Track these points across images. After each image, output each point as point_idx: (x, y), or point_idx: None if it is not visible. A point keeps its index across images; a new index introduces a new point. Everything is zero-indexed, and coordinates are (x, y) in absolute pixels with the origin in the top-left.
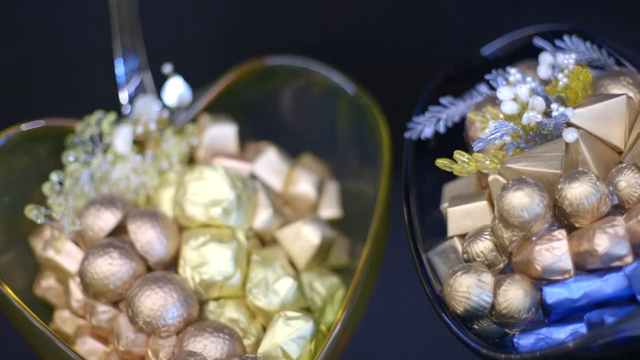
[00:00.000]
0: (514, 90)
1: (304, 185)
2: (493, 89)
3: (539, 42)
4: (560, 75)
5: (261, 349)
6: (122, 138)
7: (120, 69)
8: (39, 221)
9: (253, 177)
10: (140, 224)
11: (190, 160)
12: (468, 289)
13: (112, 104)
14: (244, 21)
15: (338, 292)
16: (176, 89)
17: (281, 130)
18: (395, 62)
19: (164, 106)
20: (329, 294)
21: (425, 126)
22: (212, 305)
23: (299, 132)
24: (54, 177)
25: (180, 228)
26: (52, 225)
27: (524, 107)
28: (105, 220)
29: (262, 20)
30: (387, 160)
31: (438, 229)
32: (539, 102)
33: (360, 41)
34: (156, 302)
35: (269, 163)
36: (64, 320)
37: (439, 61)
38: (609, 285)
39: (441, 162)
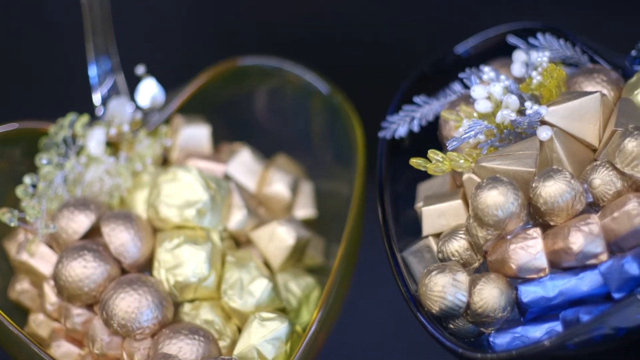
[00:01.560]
0: (488, 88)
1: (278, 185)
2: (467, 87)
3: (512, 40)
4: (534, 73)
5: (236, 351)
6: (95, 140)
7: (93, 70)
8: (12, 224)
9: (227, 178)
10: (114, 226)
11: (164, 162)
12: (443, 289)
13: (85, 106)
14: (217, 21)
15: (313, 292)
16: (149, 90)
17: (255, 131)
18: (369, 61)
19: (137, 107)
20: (305, 295)
21: (400, 125)
22: (187, 307)
23: (273, 133)
24: (27, 180)
25: (155, 230)
26: (26, 228)
27: (498, 105)
28: (79, 222)
29: (235, 20)
30: (361, 160)
31: (413, 228)
32: (513, 100)
33: (334, 40)
34: (131, 304)
35: (242, 164)
36: (39, 324)
37: (413, 60)
38: (584, 283)
39: (415, 161)
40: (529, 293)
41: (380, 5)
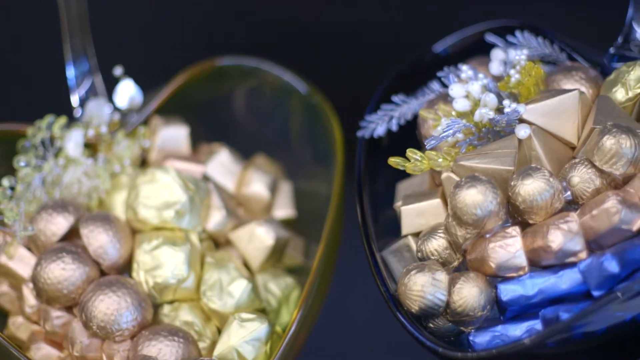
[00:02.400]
0: (466, 87)
1: (257, 185)
2: (445, 86)
3: (490, 38)
4: (512, 71)
5: (216, 352)
6: (73, 142)
7: (70, 72)
8: None
9: (206, 178)
10: (92, 228)
11: (143, 163)
12: (422, 288)
13: (63, 108)
14: (195, 22)
15: (293, 292)
16: (127, 92)
17: (234, 131)
18: (347, 61)
19: (115, 109)
20: (284, 295)
21: (378, 124)
22: (166, 309)
23: (251, 133)
24: (5, 182)
25: (133, 231)
26: (4, 230)
27: (476, 103)
28: (57, 224)
29: (213, 20)
30: (340, 159)
31: (392, 228)
32: (491, 98)
33: (312, 40)
34: (110, 306)
35: (221, 164)
36: (18, 326)
37: (391, 59)
38: (564, 281)
39: (394, 161)
40: (508, 291)
41: (358, 5)
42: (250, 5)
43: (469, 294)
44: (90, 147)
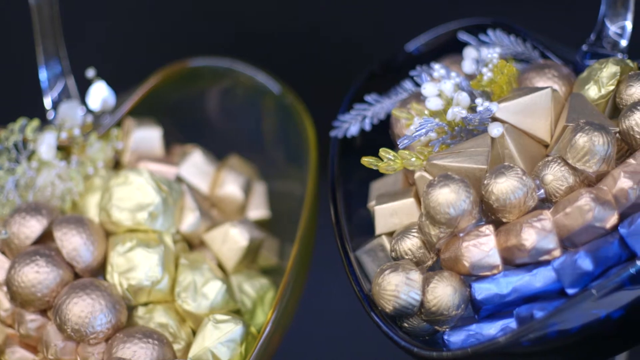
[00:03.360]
0: (439, 86)
1: (231, 186)
2: (418, 85)
3: (463, 36)
4: (484, 70)
5: (191, 353)
6: (46, 144)
7: (43, 74)
8: None
9: (179, 180)
10: (66, 231)
11: (116, 165)
12: (396, 287)
13: (35, 110)
14: (167, 23)
15: (268, 293)
16: (100, 94)
17: (207, 132)
18: (320, 61)
19: (88, 111)
20: (259, 296)
21: (351, 124)
22: (140, 311)
23: (225, 134)
24: None
25: (107, 233)
26: None
27: (449, 102)
28: (31, 227)
29: (185, 21)
30: (313, 159)
31: (366, 227)
32: (464, 97)
33: (285, 40)
34: (84, 309)
35: (194, 165)
36: None
37: (364, 58)
38: (538, 279)
39: (367, 160)
40: (482, 290)
41: (331, 4)
42: (222, 6)
43: (443, 293)
44: (63, 150)
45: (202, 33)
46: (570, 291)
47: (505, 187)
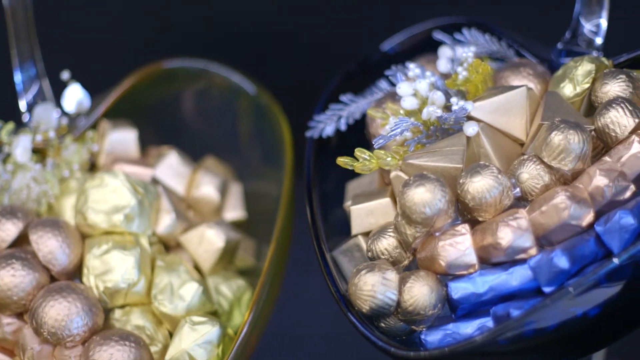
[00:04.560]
0: (414, 85)
1: (207, 188)
2: (393, 84)
3: (438, 35)
4: (459, 69)
5: (168, 356)
6: (21, 147)
7: (17, 77)
8: None
9: (155, 181)
10: (42, 234)
11: (92, 167)
12: (373, 287)
13: (10, 113)
14: (141, 25)
15: (245, 294)
16: (75, 96)
17: (183, 133)
18: (295, 61)
19: (63, 113)
20: (236, 297)
21: (327, 124)
22: (117, 313)
23: (200, 135)
24: None
25: (83, 236)
26: None
27: (424, 102)
28: (6, 231)
29: (160, 22)
30: (289, 160)
31: (342, 228)
32: (439, 96)
33: (259, 40)
34: (60, 312)
35: (170, 167)
36: None
37: (339, 58)
38: (514, 278)
39: (342, 160)
40: (459, 289)
41: (305, 4)
42: (196, 7)
43: (420, 292)
44: (39, 153)
45: (176, 34)
46: (546, 289)
47: (481, 186)
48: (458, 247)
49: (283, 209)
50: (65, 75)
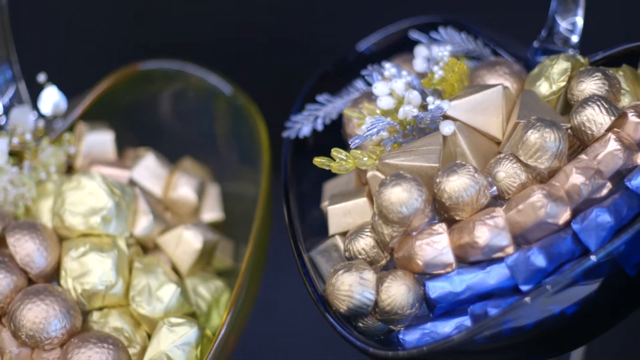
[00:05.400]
0: (390, 85)
1: (184, 189)
2: (370, 84)
3: (414, 35)
4: (435, 68)
5: (146, 357)
6: None
7: None
8: None
9: (132, 183)
10: (19, 237)
11: (69, 170)
12: (350, 287)
13: None
14: (117, 26)
15: (223, 295)
16: (51, 98)
17: (159, 135)
18: (272, 61)
19: (40, 116)
20: (214, 298)
21: (304, 125)
22: (95, 315)
23: (177, 136)
24: None
25: (60, 238)
26: None
27: (400, 101)
28: None
29: (135, 23)
30: (266, 161)
31: (319, 228)
32: (415, 95)
33: (235, 41)
34: (38, 315)
35: (147, 168)
36: None
37: (316, 58)
38: (492, 276)
39: (319, 161)
40: (436, 289)
41: (281, 4)
42: (171, 8)
43: (397, 292)
44: (15, 155)
45: (152, 36)
46: (523, 288)
47: (457, 185)
48: (435, 246)
49: (260, 210)
50: (41, 77)
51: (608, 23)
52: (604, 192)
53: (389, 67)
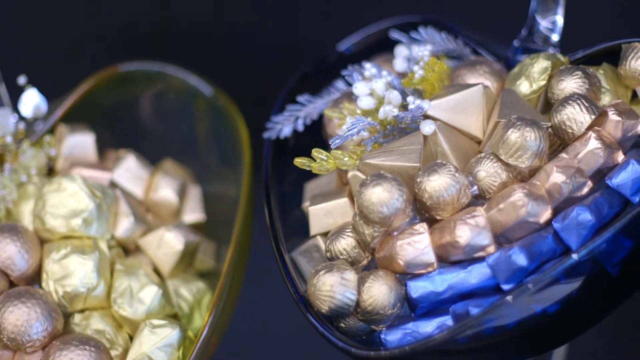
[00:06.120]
0: (370, 85)
1: (165, 191)
2: (350, 84)
3: (395, 35)
4: (415, 68)
5: (128, 359)
6: None
7: None
8: None
9: (113, 185)
10: (0, 239)
11: (50, 172)
12: (332, 288)
13: None
14: (96, 28)
15: (205, 297)
16: (32, 101)
17: (140, 137)
18: (252, 62)
19: (20, 118)
20: (196, 300)
21: (284, 125)
22: (77, 318)
23: (158, 138)
24: None
25: (42, 241)
26: None
27: (381, 101)
28: None
29: (115, 24)
30: (247, 161)
31: (301, 228)
32: (395, 95)
33: (215, 42)
34: (19, 317)
35: (128, 170)
36: None
37: (296, 59)
38: (473, 276)
39: (299, 161)
40: (418, 288)
41: (261, 5)
42: (151, 9)
43: (379, 292)
44: None
45: (132, 37)
46: (505, 287)
47: (438, 184)
48: (416, 246)
49: (242, 211)
50: (21, 80)
51: (588, 22)
52: (585, 190)
53: (369, 67)
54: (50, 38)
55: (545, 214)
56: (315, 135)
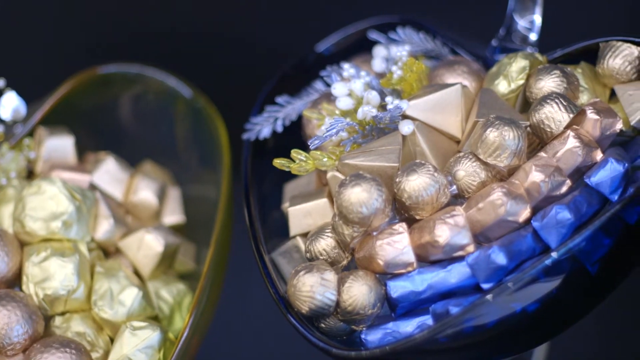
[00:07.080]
0: (349, 85)
1: (145, 192)
2: (328, 85)
3: (373, 35)
4: (394, 68)
5: None
6: None
7: None
8: None
9: (93, 187)
10: None
11: (29, 175)
12: (312, 288)
13: None
14: (75, 31)
15: (185, 298)
16: (10, 103)
17: (120, 139)
18: (230, 63)
19: (0, 121)
20: (177, 301)
21: (263, 126)
22: (57, 320)
23: (137, 140)
24: None
25: (22, 244)
26: None
27: (359, 101)
28: None
29: (92, 27)
30: (226, 163)
31: (281, 229)
32: (374, 96)
33: (194, 42)
34: (0, 320)
35: (108, 172)
36: None
37: (275, 60)
38: (453, 275)
39: (279, 162)
40: (398, 288)
41: (238, 6)
42: (130, 10)
43: (359, 292)
44: None
45: (110, 39)
46: (485, 286)
47: (417, 184)
48: (396, 245)
49: (221, 212)
50: (0, 82)
51: (566, 21)
52: (564, 189)
53: (347, 68)
54: (29, 40)
55: (524, 213)
56: (295, 136)
